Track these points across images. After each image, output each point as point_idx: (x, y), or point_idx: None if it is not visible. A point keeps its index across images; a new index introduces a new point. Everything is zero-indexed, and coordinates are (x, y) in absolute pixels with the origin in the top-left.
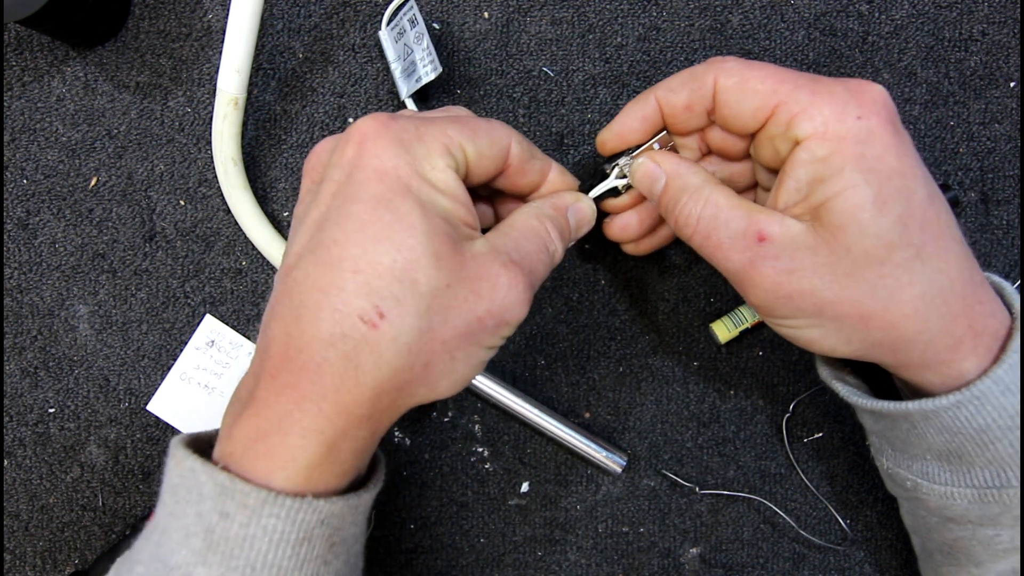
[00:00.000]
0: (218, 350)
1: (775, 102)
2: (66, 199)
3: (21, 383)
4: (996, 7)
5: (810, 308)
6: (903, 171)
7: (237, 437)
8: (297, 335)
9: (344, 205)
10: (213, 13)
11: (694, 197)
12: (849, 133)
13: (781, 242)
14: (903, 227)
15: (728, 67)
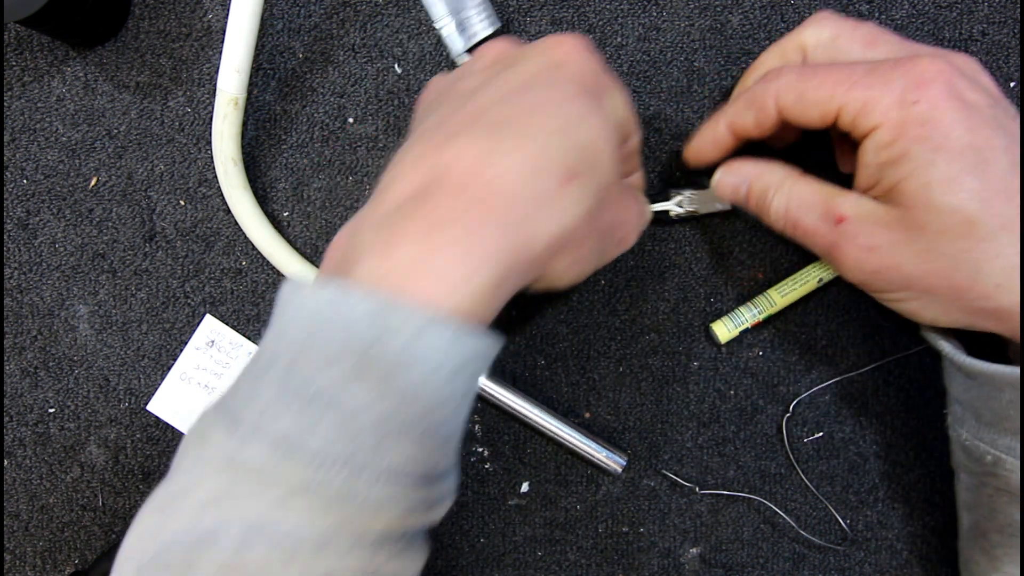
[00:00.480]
0: (218, 350)
1: (836, 106)
2: (66, 199)
3: (21, 383)
4: (996, 7)
5: (899, 281)
6: (975, 144)
7: (396, 256)
8: (491, 163)
9: (554, 81)
10: (213, 13)
11: (778, 193)
12: (910, 118)
13: (857, 221)
14: (981, 202)
15: (784, 84)
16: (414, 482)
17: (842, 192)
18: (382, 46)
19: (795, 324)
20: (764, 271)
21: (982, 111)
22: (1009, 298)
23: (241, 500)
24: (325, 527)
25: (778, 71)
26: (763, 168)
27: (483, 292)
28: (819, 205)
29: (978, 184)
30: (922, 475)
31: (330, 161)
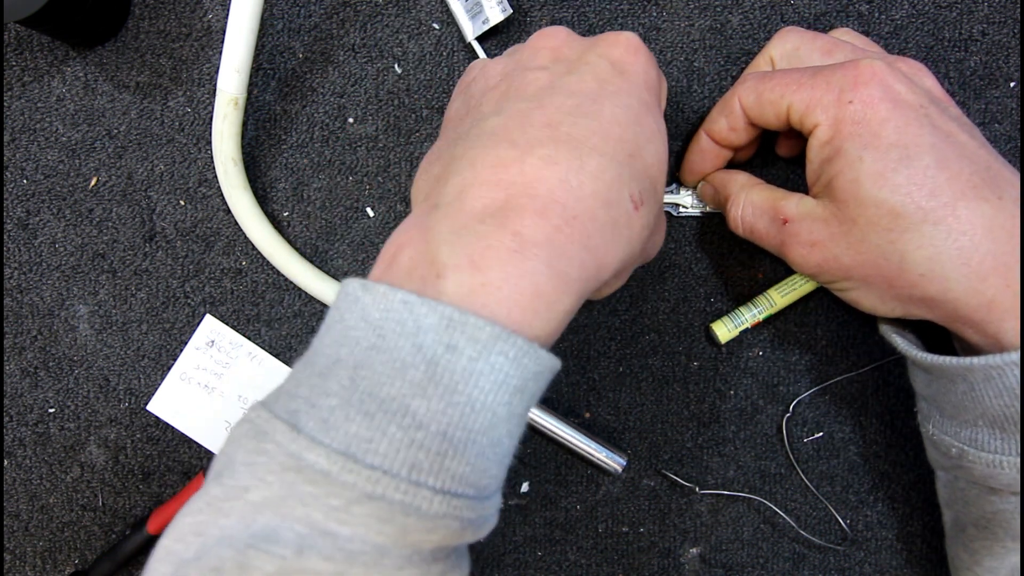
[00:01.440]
0: (218, 350)
1: (785, 105)
2: (66, 199)
3: (21, 383)
4: (996, 7)
5: (839, 272)
6: (902, 141)
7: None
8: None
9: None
10: (213, 13)
11: (735, 201)
12: (845, 116)
13: (799, 220)
14: (905, 195)
15: (745, 87)
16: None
17: (788, 195)
18: (382, 46)
19: (795, 324)
20: (764, 271)
21: (915, 109)
22: (934, 287)
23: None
24: (384, 538)
25: (743, 77)
26: (726, 179)
27: (563, 316)
28: (768, 210)
29: (902, 179)
30: (922, 475)
31: (330, 161)
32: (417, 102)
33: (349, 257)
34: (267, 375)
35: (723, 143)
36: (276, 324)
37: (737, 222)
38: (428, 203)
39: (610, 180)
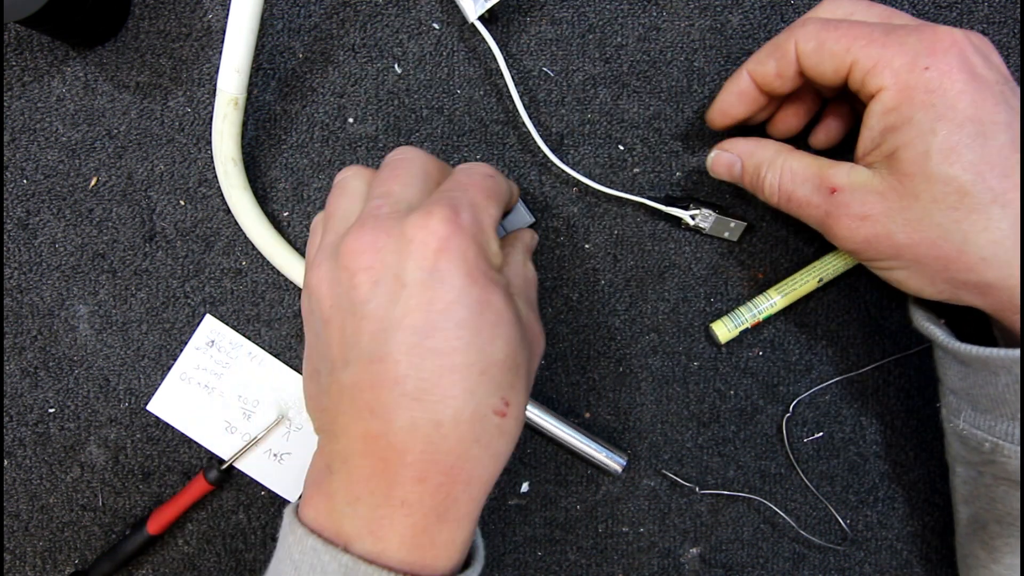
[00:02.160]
0: (218, 350)
1: (849, 61)
2: (66, 199)
3: (21, 383)
4: (996, 7)
5: (888, 250)
6: (978, 117)
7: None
8: (439, 440)
9: (450, 311)
10: (213, 13)
11: (771, 168)
12: (919, 83)
13: (851, 191)
14: (976, 174)
15: (806, 31)
16: None
17: (835, 164)
18: (382, 46)
19: (795, 324)
20: (764, 271)
21: (990, 86)
22: (993, 272)
23: None
24: None
25: (803, 20)
26: (756, 145)
27: (462, 544)
28: (812, 177)
29: (975, 156)
30: (922, 475)
31: (330, 161)
32: (417, 102)
33: None
34: (267, 375)
35: (764, 87)
36: (276, 324)
37: (774, 188)
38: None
39: (471, 416)
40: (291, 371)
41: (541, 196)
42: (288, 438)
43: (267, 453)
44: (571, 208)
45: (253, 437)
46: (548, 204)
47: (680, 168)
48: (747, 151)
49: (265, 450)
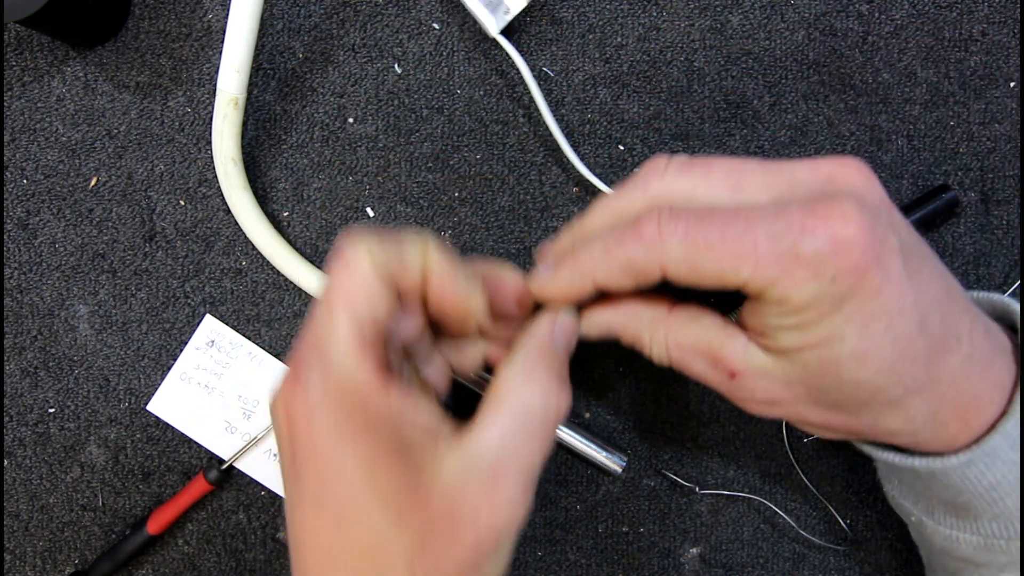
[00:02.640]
0: (218, 350)
1: (738, 281)
2: (66, 199)
3: (21, 383)
4: (996, 7)
5: (800, 424)
6: (887, 311)
7: None
8: None
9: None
10: (213, 13)
11: (653, 339)
12: (825, 294)
13: (752, 378)
14: (889, 373)
15: (671, 253)
16: None
17: (727, 335)
18: (382, 46)
19: None
20: None
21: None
22: (903, 440)
23: None
24: None
25: (659, 231)
26: (627, 316)
27: None
28: (704, 353)
29: (888, 356)
30: None
31: (330, 161)
32: (417, 102)
33: None
34: (267, 375)
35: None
36: (276, 324)
37: (664, 359)
38: None
39: None
40: None
41: (541, 196)
42: None
43: (267, 453)
44: (571, 208)
45: (253, 437)
46: (548, 204)
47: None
48: (619, 321)
49: (265, 450)
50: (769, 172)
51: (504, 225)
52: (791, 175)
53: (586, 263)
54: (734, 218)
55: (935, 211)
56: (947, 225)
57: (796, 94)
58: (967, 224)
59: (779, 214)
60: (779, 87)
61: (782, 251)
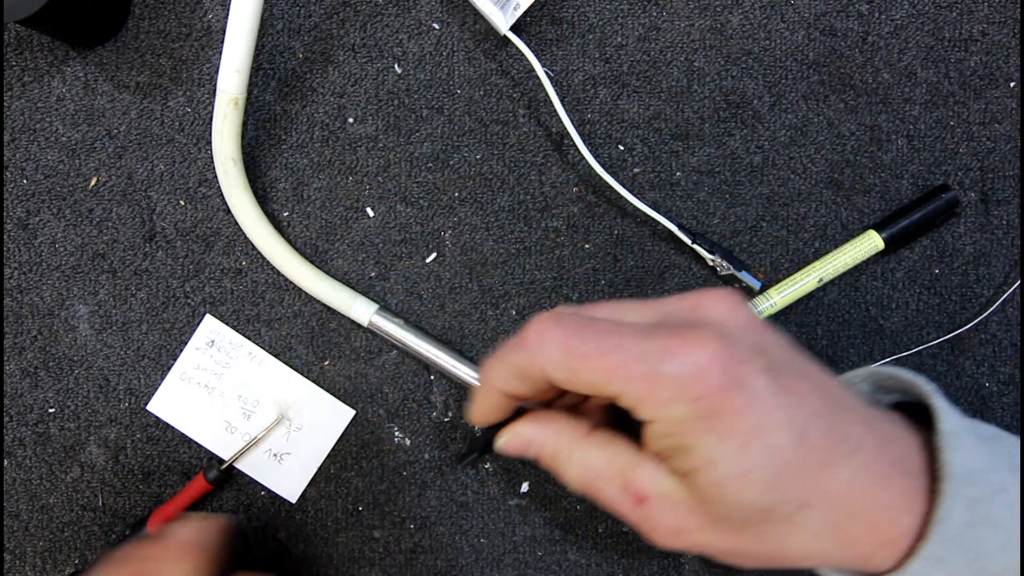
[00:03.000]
0: (218, 350)
1: (611, 392)
2: (66, 199)
3: (21, 383)
4: (996, 7)
5: (712, 554)
6: (759, 429)
7: None
8: None
9: None
10: (213, 13)
11: (568, 462)
12: (692, 414)
13: (659, 503)
14: (774, 490)
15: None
16: None
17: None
18: (382, 46)
19: (795, 324)
20: (764, 271)
21: (762, 381)
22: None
23: None
24: None
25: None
26: (547, 432)
27: None
28: (616, 476)
29: (769, 474)
30: None
31: (330, 161)
32: (417, 102)
33: (349, 257)
34: (267, 375)
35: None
36: (276, 324)
37: (577, 484)
38: None
39: None
40: (291, 371)
41: (541, 196)
42: (288, 438)
43: (267, 453)
44: (571, 208)
45: (253, 437)
46: (548, 204)
47: (680, 168)
48: (539, 440)
49: (265, 450)
50: (645, 305)
51: (504, 225)
52: (663, 307)
53: (489, 374)
54: (608, 333)
55: (935, 211)
56: (947, 225)
57: (796, 94)
58: (967, 224)
59: (648, 336)
60: (779, 87)
61: (647, 370)
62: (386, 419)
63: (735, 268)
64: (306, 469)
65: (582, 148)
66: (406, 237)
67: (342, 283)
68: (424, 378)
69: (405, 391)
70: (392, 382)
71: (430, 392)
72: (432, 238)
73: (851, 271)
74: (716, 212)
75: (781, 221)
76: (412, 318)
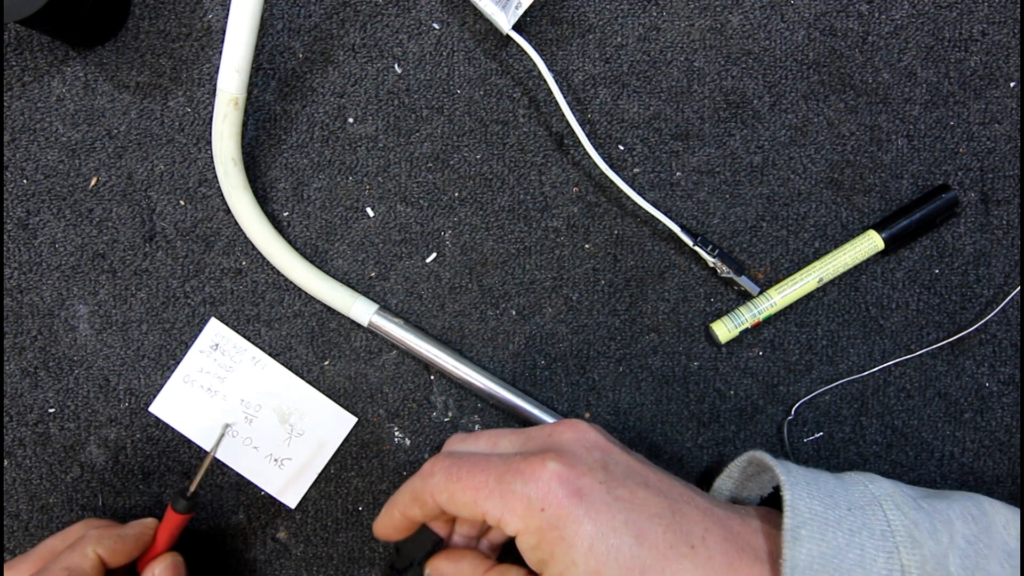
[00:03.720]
0: (222, 353)
1: (480, 512)
2: (66, 199)
3: (21, 383)
4: (996, 7)
5: None
6: (601, 532)
7: None
8: None
9: None
10: (213, 13)
11: None
12: (542, 524)
13: None
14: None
15: (436, 484)
16: None
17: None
18: (382, 46)
19: (795, 324)
20: (764, 271)
21: (599, 490)
22: None
23: None
24: None
25: (431, 467)
26: (456, 568)
27: None
28: None
29: (615, 570)
30: (921, 475)
31: (330, 161)
32: (417, 102)
33: (349, 257)
34: (270, 380)
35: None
36: (276, 324)
37: None
38: None
39: None
40: (293, 376)
41: (541, 196)
42: (289, 444)
43: (268, 458)
44: (571, 208)
45: (208, 454)
46: (548, 204)
47: (680, 168)
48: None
49: (266, 455)
50: (517, 434)
51: (504, 225)
52: (528, 435)
53: (393, 498)
54: (478, 462)
55: (935, 211)
56: (947, 225)
57: (796, 94)
58: (967, 224)
59: (506, 462)
60: (779, 87)
61: (504, 489)
62: (386, 419)
63: (734, 272)
64: (306, 474)
65: (586, 145)
66: (406, 237)
67: (342, 283)
68: (424, 378)
69: (405, 391)
70: (392, 382)
71: (430, 392)
72: (432, 238)
73: (851, 271)
74: (716, 212)
75: (781, 221)
76: (412, 318)
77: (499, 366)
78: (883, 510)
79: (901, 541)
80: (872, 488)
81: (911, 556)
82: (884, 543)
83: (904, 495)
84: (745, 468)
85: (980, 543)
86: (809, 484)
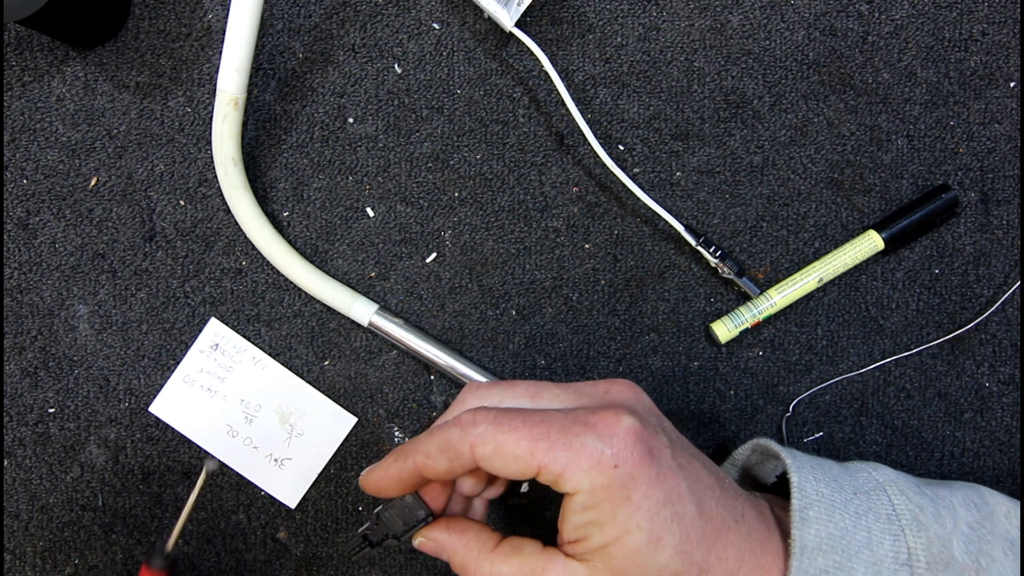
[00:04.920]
0: (222, 353)
1: (536, 464)
2: (66, 199)
3: (21, 383)
4: (996, 7)
5: None
6: (669, 498)
7: None
8: None
9: None
10: (213, 13)
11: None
12: (612, 482)
13: None
14: (682, 554)
15: (481, 434)
16: None
17: (547, 557)
18: (382, 46)
19: (795, 324)
20: (764, 271)
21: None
22: None
23: None
24: None
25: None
26: (459, 542)
27: None
28: None
29: (678, 540)
30: (921, 475)
31: (330, 161)
32: (417, 102)
33: (349, 257)
34: (270, 380)
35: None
36: (276, 324)
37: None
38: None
39: None
40: (293, 376)
41: (541, 196)
42: (289, 444)
43: (268, 458)
44: (571, 208)
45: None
46: (548, 204)
47: (680, 168)
48: (450, 547)
49: (266, 455)
50: (560, 387)
51: (504, 225)
52: (577, 389)
53: (416, 445)
54: (535, 413)
55: (935, 211)
56: (947, 225)
57: (796, 94)
58: (967, 224)
59: (569, 414)
60: (779, 87)
61: (569, 441)
62: (386, 419)
63: (735, 273)
64: (306, 475)
65: (592, 140)
66: (406, 237)
67: (342, 283)
68: (424, 378)
69: (405, 391)
70: (392, 382)
71: (430, 392)
72: (432, 238)
73: (851, 271)
74: (716, 212)
75: (781, 221)
76: (412, 318)
77: (499, 366)
78: (888, 495)
79: (907, 524)
80: (876, 475)
81: (917, 539)
82: (890, 526)
83: (908, 482)
84: (750, 456)
85: (983, 529)
86: (815, 468)
